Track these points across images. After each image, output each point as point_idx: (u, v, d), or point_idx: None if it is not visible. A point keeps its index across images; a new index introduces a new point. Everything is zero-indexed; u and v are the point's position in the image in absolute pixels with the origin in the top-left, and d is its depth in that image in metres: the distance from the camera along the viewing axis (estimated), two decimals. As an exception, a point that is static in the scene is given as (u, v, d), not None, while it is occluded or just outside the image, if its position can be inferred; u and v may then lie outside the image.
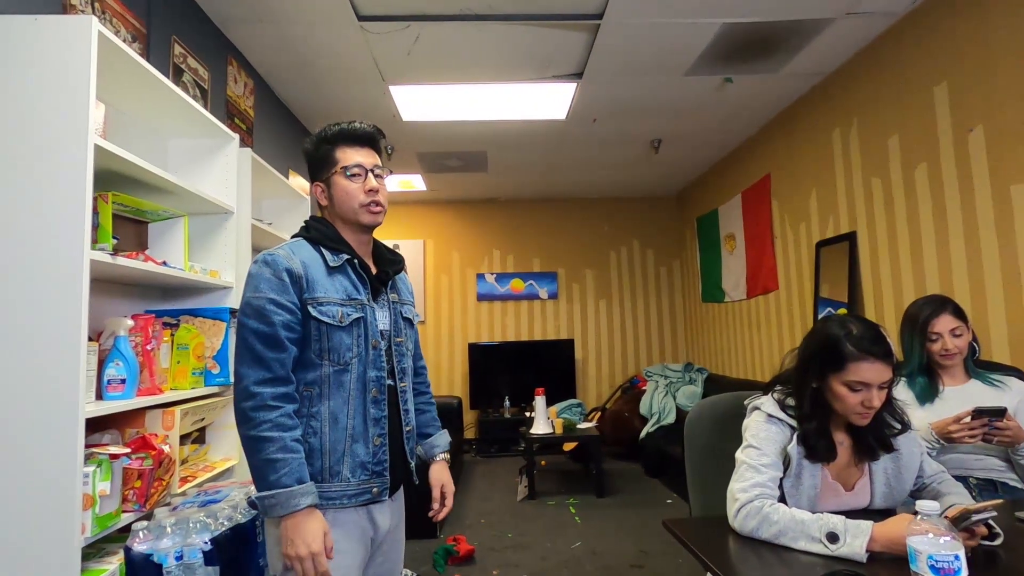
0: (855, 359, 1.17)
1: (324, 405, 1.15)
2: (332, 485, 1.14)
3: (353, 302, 1.19)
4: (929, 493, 1.29)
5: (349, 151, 1.22)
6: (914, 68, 2.54)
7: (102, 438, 1.42)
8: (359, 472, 1.16)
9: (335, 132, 1.23)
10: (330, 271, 1.19)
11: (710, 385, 4.75)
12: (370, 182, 1.22)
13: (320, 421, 1.15)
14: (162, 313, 1.75)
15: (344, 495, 1.15)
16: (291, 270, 1.13)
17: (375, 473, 1.18)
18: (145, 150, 1.70)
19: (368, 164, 1.22)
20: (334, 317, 1.15)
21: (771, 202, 3.89)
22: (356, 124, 1.24)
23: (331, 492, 1.14)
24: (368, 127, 1.25)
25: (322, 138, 1.24)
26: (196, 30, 2.35)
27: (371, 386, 1.19)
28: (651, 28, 2.63)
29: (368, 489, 1.17)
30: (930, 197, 2.49)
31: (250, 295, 1.12)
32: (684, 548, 1.18)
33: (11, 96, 1.25)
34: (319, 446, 1.14)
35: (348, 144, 1.23)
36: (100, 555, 1.34)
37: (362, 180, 1.21)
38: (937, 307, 1.68)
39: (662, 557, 2.82)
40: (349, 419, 1.16)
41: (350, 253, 1.22)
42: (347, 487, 1.15)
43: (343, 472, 1.14)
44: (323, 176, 1.24)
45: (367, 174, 1.22)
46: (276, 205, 2.79)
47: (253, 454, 1.07)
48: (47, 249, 1.21)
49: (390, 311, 1.27)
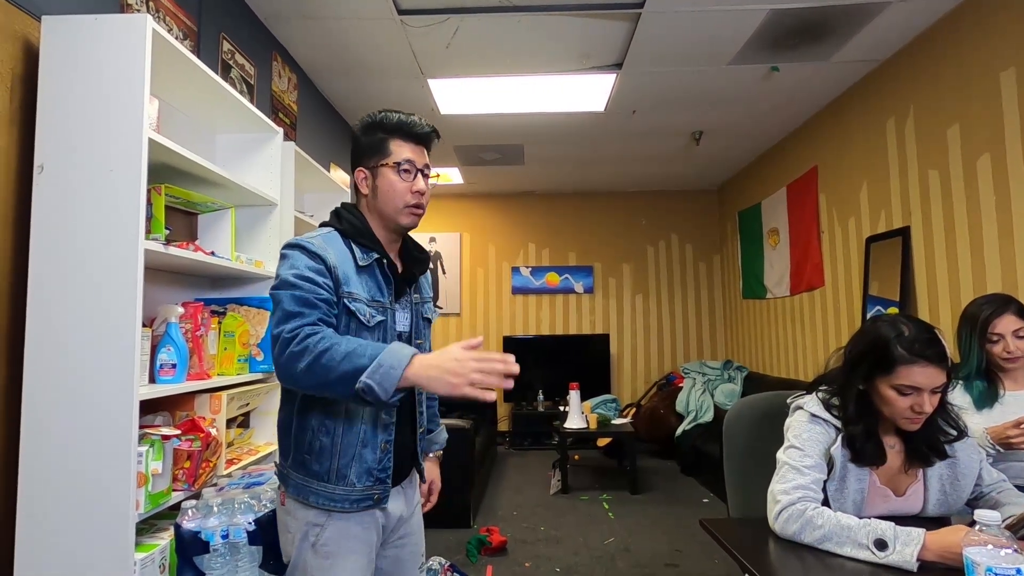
0: (906, 362, 1.12)
1: (341, 404, 1.11)
2: (337, 487, 1.10)
3: (377, 304, 1.15)
4: (987, 502, 1.23)
5: (405, 145, 1.17)
6: (977, 53, 2.39)
7: (154, 420, 1.48)
8: (364, 478, 1.11)
9: (394, 123, 1.17)
10: (359, 269, 1.14)
11: (749, 384, 4.63)
12: (419, 183, 1.17)
13: (335, 420, 1.11)
14: (210, 301, 1.81)
15: (348, 499, 1.10)
16: (326, 259, 1.09)
17: (379, 480, 1.13)
18: (195, 144, 1.76)
19: (420, 163, 1.18)
20: (364, 315, 1.12)
21: (818, 195, 3.74)
22: (416, 119, 1.18)
23: (335, 494, 1.10)
24: (428, 126, 1.19)
25: (377, 124, 1.18)
26: (243, 27, 2.42)
27: None
28: (694, 16, 2.55)
29: (371, 495, 1.13)
30: (993, 189, 2.35)
31: (285, 271, 1.07)
32: (721, 549, 1.16)
33: (72, 92, 1.31)
34: (330, 445, 1.10)
35: (404, 138, 1.17)
36: (152, 531, 1.41)
37: (411, 179, 1.16)
38: (999, 306, 1.59)
39: (697, 557, 2.77)
40: (363, 423, 1.13)
41: (380, 252, 1.17)
42: (351, 491, 1.10)
43: (349, 476, 1.10)
44: (370, 164, 1.18)
45: (418, 174, 1.17)
46: (318, 198, 2.85)
47: (329, 368, 0.96)
48: (104, 239, 1.27)
49: (411, 312, 1.24)
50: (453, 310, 5.70)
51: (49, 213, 1.28)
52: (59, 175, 1.29)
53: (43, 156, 1.29)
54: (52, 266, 1.27)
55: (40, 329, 1.26)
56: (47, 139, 1.30)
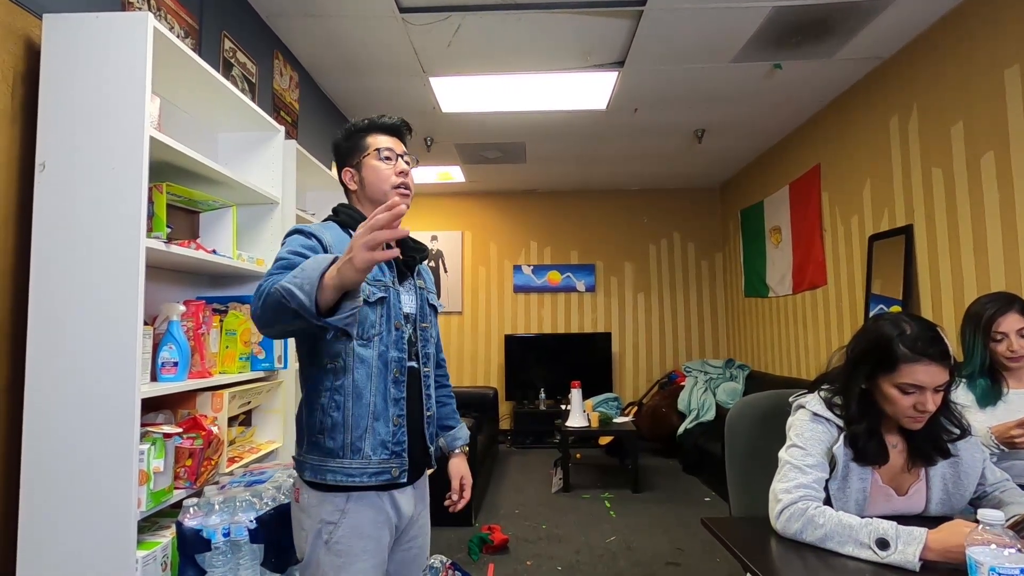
0: (909, 360, 1.11)
1: (348, 378, 1.15)
2: (353, 462, 1.13)
3: (378, 283, 1.19)
4: (991, 502, 1.22)
5: (381, 137, 1.28)
6: (982, 50, 2.38)
7: (156, 418, 1.49)
8: (379, 450, 1.15)
9: (366, 123, 1.29)
10: None
11: (752, 382, 4.62)
12: (400, 165, 1.27)
13: (344, 396, 1.15)
14: (212, 300, 1.82)
15: (365, 472, 1.13)
16: (321, 239, 1.16)
17: (394, 453, 1.17)
18: (197, 142, 1.76)
19: (398, 150, 1.28)
20: (364, 292, 1.13)
21: (821, 194, 3.73)
22: (385, 116, 1.30)
23: (351, 469, 1.13)
24: (396, 119, 1.31)
25: (351, 128, 1.30)
26: (244, 25, 2.42)
27: (392, 366, 1.19)
28: (696, 14, 2.55)
29: (388, 469, 1.16)
30: (997, 188, 2.34)
31: (281, 252, 1.11)
32: (723, 548, 1.15)
33: (74, 90, 1.31)
34: (342, 420, 1.14)
35: (378, 131, 1.29)
36: (154, 528, 1.41)
37: (393, 163, 1.26)
38: (1003, 305, 1.59)
39: (699, 556, 2.77)
40: (372, 396, 1.16)
41: None
42: (367, 464, 1.14)
43: (364, 449, 1.14)
44: (353, 161, 1.28)
45: (398, 158, 1.27)
46: (319, 196, 2.85)
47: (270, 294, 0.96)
48: (106, 237, 1.27)
49: (416, 295, 1.29)
50: (455, 309, 5.70)
51: (51, 211, 1.28)
52: (61, 173, 1.29)
53: (45, 154, 1.30)
54: (54, 264, 1.27)
55: (42, 327, 1.26)
56: (49, 137, 1.30)
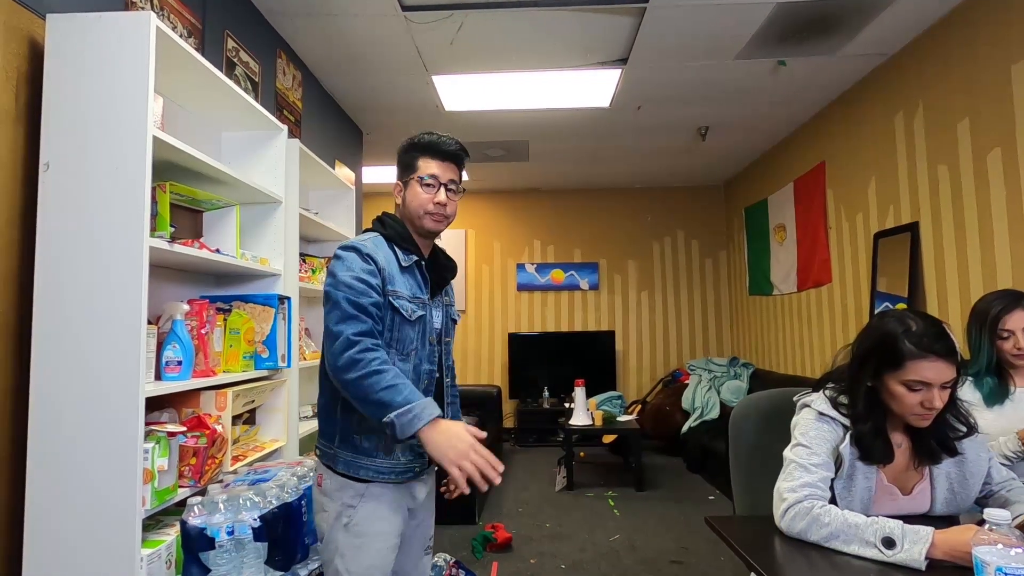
0: (914, 357, 1.10)
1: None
2: (384, 462, 1.25)
3: (417, 300, 1.30)
4: (997, 501, 1.21)
5: (432, 163, 1.31)
6: (989, 46, 2.36)
7: (160, 416, 1.49)
8: (407, 453, 1.27)
9: (425, 142, 1.32)
10: (402, 270, 1.29)
11: (756, 381, 4.61)
12: (440, 195, 1.30)
13: None
14: (215, 299, 1.82)
15: (393, 471, 1.25)
16: (376, 260, 1.24)
17: (419, 455, 1.28)
18: (200, 141, 1.77)
19: (444, 178, 1.31)
20: (407, 311, 1.26)
21: (825, 191, 3.71)
22: (444, 139, 1.33)
23: (382, 467, 1.24)
24: (453, 145, 1.33)
25: (412, 144, 1.34)
26: (247, 24, 2.42)
27: (424, 377, 1.31)
28: (699, 10, 2.53)
29: (412, 468, 1.28)
30: (1004, 184, 2.32)
31: (342, 272, 1.21)
32: (727, 546, 1.15)
33: (77, 90, 1.31)
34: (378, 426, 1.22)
35: (432, 156, 1.31)
36: (158, 527, 1.42)
37: (433, 191, 1.30)
38: (1010, 302, 1.57)
39: (703, 554, 2.77)
40: None
41: (418, 255, 1.33)
42: (396, 465, 1.26)
43: (396, 452, 1.25)
44: (403, 178, 1.35)
45: (440, 187, 1.31)
46: (323, 195, 2.85)
47: (371, 390, 1.11)
48: (109, 237, 1.28)
49: (443, 312, 1.39)
50: (458, 307, 5.69)
51: (55, 211, 1.29)
52: (64, 173, 1.29)
53: (48, 154, 1.30)
54: (58, 264, 1.27)
55: (46, 326, 1.26)
56: (52, 137, 1.30)
